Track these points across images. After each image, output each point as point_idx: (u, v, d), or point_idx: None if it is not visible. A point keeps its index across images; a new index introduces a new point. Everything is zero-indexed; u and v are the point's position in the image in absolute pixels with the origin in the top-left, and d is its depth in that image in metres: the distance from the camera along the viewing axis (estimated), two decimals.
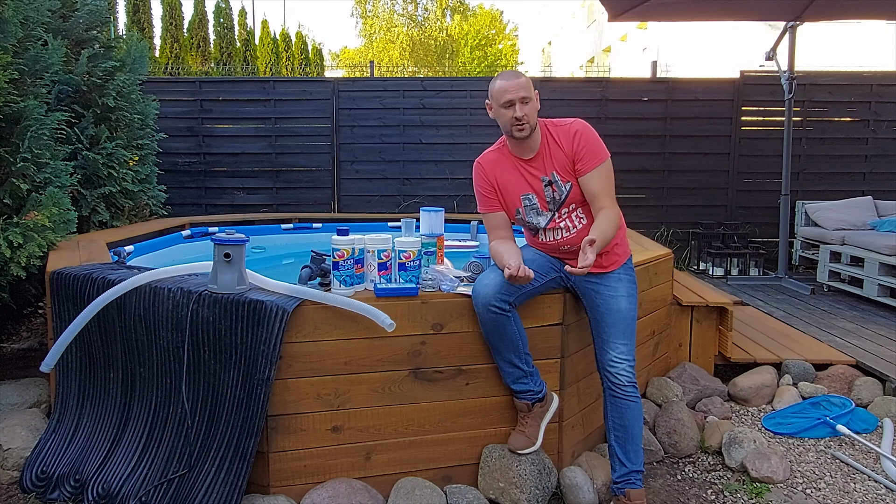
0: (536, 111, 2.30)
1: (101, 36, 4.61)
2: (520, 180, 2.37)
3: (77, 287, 2.59)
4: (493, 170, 2.42)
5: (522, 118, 2.24)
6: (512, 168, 2.38)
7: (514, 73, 2.32)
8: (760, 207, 6.81)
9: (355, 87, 6.84)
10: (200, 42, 10.35)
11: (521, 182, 2.37)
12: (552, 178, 2.33)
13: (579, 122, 2.34)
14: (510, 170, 2.39)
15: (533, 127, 2.28)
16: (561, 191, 2.32)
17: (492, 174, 2.42)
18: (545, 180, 2.34)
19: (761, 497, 2.55)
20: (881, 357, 3.69)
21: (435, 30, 25.37)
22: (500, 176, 2.40)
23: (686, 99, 6.82)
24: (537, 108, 2.31)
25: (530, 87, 2.28)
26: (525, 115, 2.24)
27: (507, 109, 2.26)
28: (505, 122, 2.29)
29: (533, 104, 2.28)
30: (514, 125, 2.26)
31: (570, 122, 2.34)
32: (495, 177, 2.41)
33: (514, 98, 2.24)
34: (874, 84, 6.77)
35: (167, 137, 5.73)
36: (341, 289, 2.35)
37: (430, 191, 6.80)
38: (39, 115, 3.23)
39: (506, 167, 2.39)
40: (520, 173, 2.37)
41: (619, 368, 2.33)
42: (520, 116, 2.24)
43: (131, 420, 2.48)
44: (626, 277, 2.44)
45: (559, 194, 2.32)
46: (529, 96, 2.26)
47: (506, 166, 2.39)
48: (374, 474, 2.40)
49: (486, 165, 2.43)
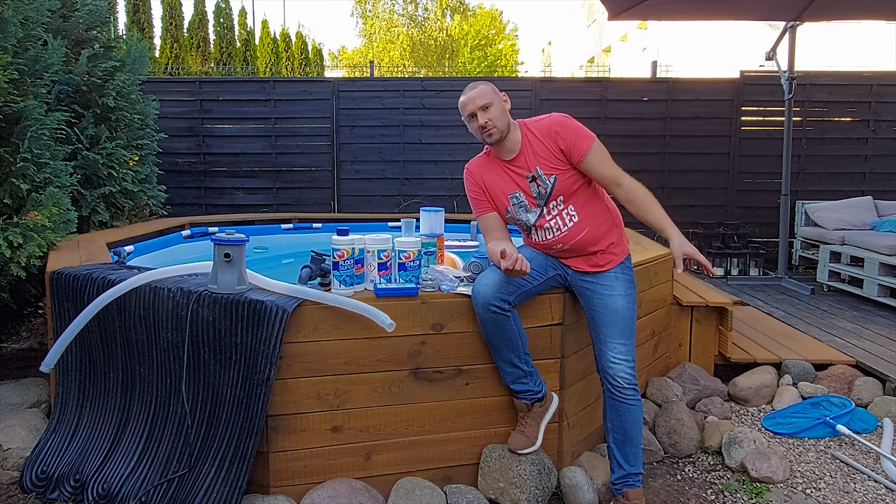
0: (505, 113, 2.34)
1: (101, 36, 4.61)
2: (506, 180, 2.42)
3: (77, 287, 2.59)
4: (480, 173, 2.48)
5: (486, 124, 2.30)
6: (498, 170, 2.44)
7: (472, 86, 2.38)
8: (760, 207, 6.82)
9: (355, 87, 6.85)
10: (200, 42, 10.34)
11: (508, 181, 2.41)
12: (535, 172, 2.36)
13: (555, 115, 2.38)
14: (496, 172, 2.44)
15: (502, 130, 2.32)
16: (545, 184, 2.35)
17: (479, 177, 2.47)
18: (529, 176, 2.37)
19: (761, 497, 2.55)
20: (881, 357, 3.69)
21: (435, 30, 25.36)
22: (486, 178, 2.45)
23: (686, 99, 6.83)
24: (505, 110, 2.35)
25: (491, 93, 2.33)
26: (488, 120, 2.29)
27: (472, 121, 2.35)
28: (474, 132, 2.37)
29: (496, 108, 2.31)
30: (482, 133, 2.33)
31: (546, 117, 2.39)
32: (483, 179, 2.46)
33: (474, 108, 2.31)
34: (874, 84, 6.78)
35: (167, 137, 5.73)
36: (341, 289, 2.35)
37: (430, 191, 6.81)
38: (39, 115, 3.23)
39: (492, 170, 2.45)
40: (506, 174, 2.42)
41: (619, 369, 2.31)
42: (483, 124, 2.30)
43: (131, 420, 2.48)
44: (623, 276, 2.43)
45: (544, 188, 2.35)
46: (489, 102, 2.30)
47: (492, 170, 2.45)
48: (374, 474, 2.40)
49: (474, 170, 2.50)
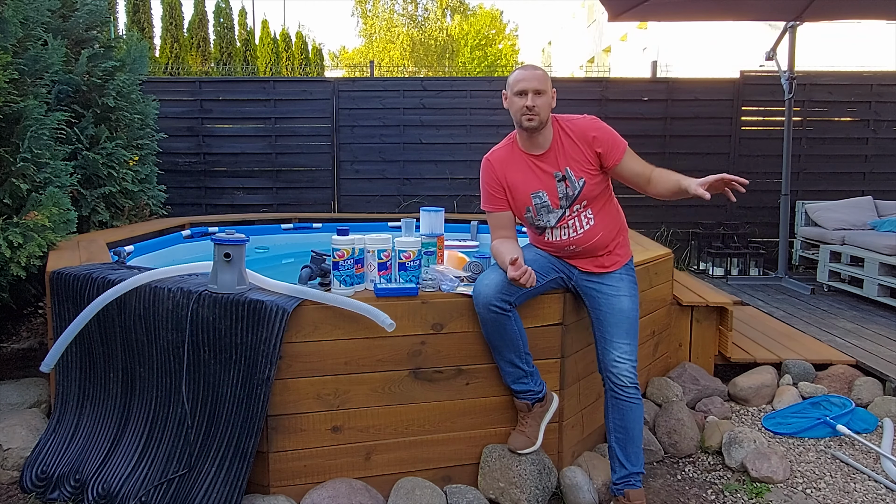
0: (550, 107, 2.30)
1: (101, 36, 4.61)
2: (530, 177, 2.35)
3: (77, 287, 2.59)
4: (502, 168, 2.39)
5: (533, 108, 2.23)
6: (522, 165, 2.36)
7: (533, 66, 2.33)
8: (760, 207, 6.81)
9: (355, 87, 6.84)
10: (200, 42, 10.34)
11: (532, 179, 2.35)
12: (565, 172, 2.31)
13: (590, 118, 2.36)
14: (521, 167, 2.37)
15: (543, 120, 2.27)
16: (574, 186, 2.31)
17: (501, 173, 2.39)
18: (558, 175, 2.32)
19: (761, 497, 2.55)
20: (881, 357, 3.69)
21: (435, 30, 25.34)
22: (510, 174, 2.38)
23: (686, 99, 6.82)
24: (551, 105, 2.31)
25: (547, 81, 2.29)
26: (536, 105, 2.23)
27: (520, 98, 2.26)
28: (516, 111, 2.28)
29: (546, 98, 2.27)
30: (524, 114, 2.25)
31: (582, 118, 2.36)
32: (505, 175, 2.38)
33: (528, 88, 2.24)
34: (874, 84, 6.77)
35: (167, 137, 5.73)
36: (341, 289, 2.35)
37: (430, 191, 6.80)
38: (39, 115, 3.23)
39: (516, 164, 2.37)
40: (531, 170, 2.35)
41: (622, 369, 2.32)
42: (530, 106, 2.23)
43: (131, 420, 2.48)
44: (628, 277, 2.44)
45: (572, 190, 2.31)
46: (544, 90, 2.26)
47: (516, 164, 2.37)
48: (374, 474, 2.40)
49: (496, 163, 2.41)
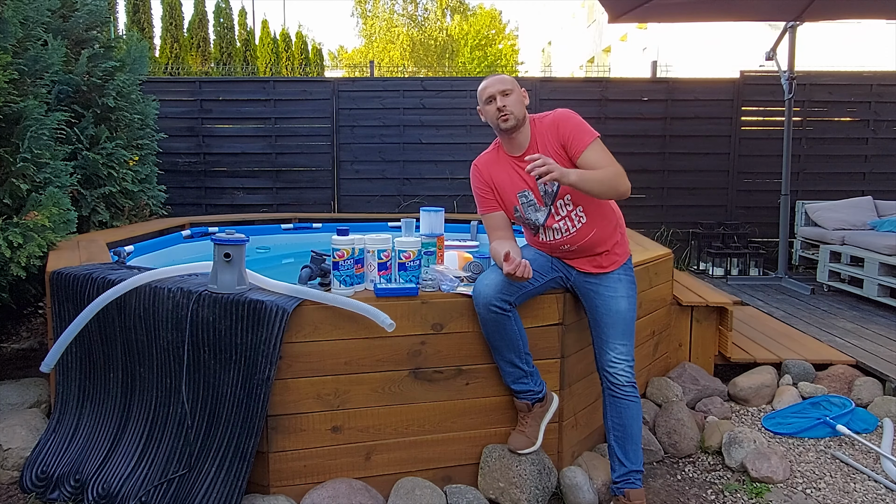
0: (522, 105, 2.34)
1: (101, 36, 4.61)
2: (515, 178, 2.40)
3: (77, 287, 2.59)
4: (488, 170, 2.46)
5: (504, 108, 2.29)
6: (507, 167, 2.42)
7: (494, 74, 2.41)
8: (760, 207, 6.82)
9: (355, 87, 6.84)
10: (200, 42, 10.34)
11: (517, 179, 2.40)
12: None
13: (560, 110, 2.39)
14: (505, 169, 2.42)
15: (518, 118, 2.32)
16: (552, 182, 2.33)
17: (487, 175, 2.46)
18: None
19: (761, 497, 2.55)
20: (881, 357, 3.69)
21: (435, 30, 25.35)
22: (495, 176, 2.44)
23: (686, 99, 6.82)
24: (524, 103, 2.36)
25: (512, 82, 2.35)
26: (506, 105, 2.29)
27: (490, 105, 2.33)
28: (490, 117, 2.35)
29: (515, 96, 2.32)
30: (498, 117, 2.31)
31: (554, 112, 2.39)
32: (491, 177, 2.45)
33: (494, 92, 2.32)
34: (874, 84, 6.77)
35: (167, 137, 5.73)
36: (341, 289, 2.35)
37: (430, 191, 6.80)
38: (39, 115, 3.23)
39: (501, 167, 2.43)
40: (514, 171, 2.40)
41: (619, 369, 2.34)
42: (501, 107, 2.29)
43: (131, 420, 2.48)
44: (626, 278, 2.45)
45: (551, 186, 2.34)
46: (510, 89, 2.32)
47: (501, 166, 2.44)
48: (374, 474, 2.40)
49: (482, 167, 2.48)
